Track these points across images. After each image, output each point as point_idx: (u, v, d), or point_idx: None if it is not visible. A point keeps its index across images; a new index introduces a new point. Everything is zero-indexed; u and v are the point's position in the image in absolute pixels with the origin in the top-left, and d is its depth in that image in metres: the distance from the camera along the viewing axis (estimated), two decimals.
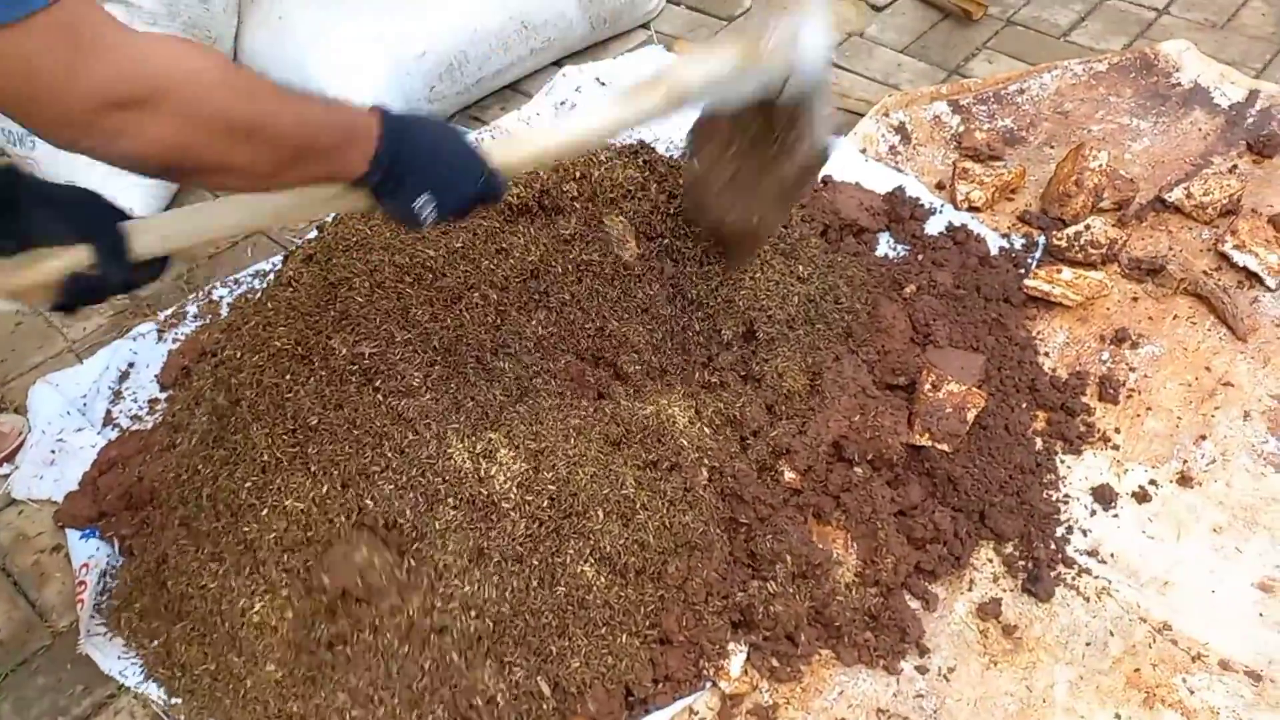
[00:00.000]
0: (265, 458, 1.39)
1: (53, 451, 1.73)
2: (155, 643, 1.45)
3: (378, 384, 1.41)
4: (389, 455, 1.37)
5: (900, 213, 2.02)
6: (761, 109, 1.33)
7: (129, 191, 2.02)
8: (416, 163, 1.13)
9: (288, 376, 1.44)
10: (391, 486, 1.35)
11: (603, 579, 1.40)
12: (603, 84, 2.37)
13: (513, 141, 1.27)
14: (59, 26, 0.81)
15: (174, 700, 1.40)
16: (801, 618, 1.43)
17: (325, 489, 1.35)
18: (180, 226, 1.20)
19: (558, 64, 2.58)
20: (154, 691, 1.41)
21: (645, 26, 2.79)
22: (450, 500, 1.37)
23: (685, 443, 1.51)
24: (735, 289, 1.66)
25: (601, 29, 2.66)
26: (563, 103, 2.33)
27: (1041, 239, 2.03)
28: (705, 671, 1.40)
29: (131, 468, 1.64)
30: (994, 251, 1.99)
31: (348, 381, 1.42)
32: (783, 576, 1.45)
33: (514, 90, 2.55)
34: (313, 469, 1.37)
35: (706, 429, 1.56)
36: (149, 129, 0.88)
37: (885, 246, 1.99)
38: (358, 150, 1.09)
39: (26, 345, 1.96)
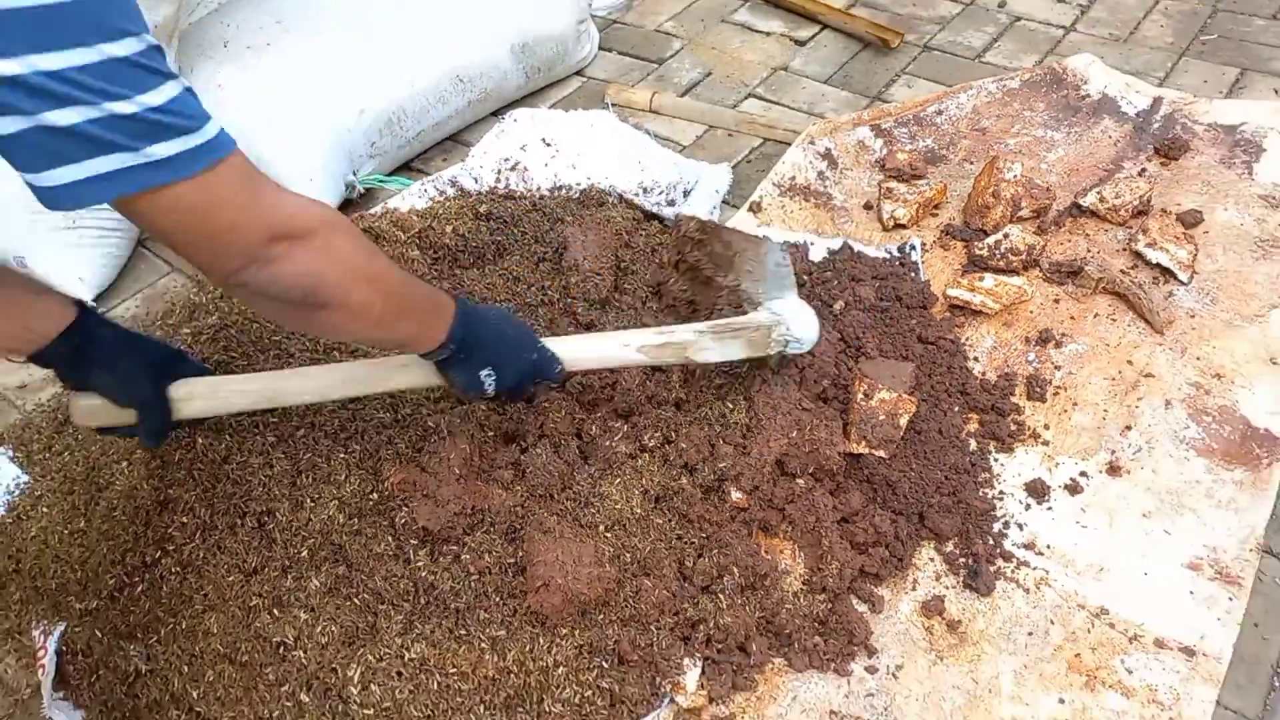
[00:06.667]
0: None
1: None
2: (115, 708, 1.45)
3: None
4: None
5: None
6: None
7: (81, 255, 2.07)
8: (484, 338, 1.32)
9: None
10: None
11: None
12: (548, 144, 2.30)
13: (568, 343, 1.49)
14: (236, 173, 0.98)
15: None
16: (751, 628, 1.46)
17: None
18: (229, 396, 1.35)
19: (496, 114, 2.65)
20: None
21: (580, 74, 2.87)
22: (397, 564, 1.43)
23: (629, 473, 1.56)
24: None
25: (536, 78, 2.74)
26: (506, 158, 2.29)
27: (916, 240, 2.13)
28: (662, 689, 1.43)
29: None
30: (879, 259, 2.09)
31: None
32: (730, 589, 1.49)
33: (455, 141, 2.62)
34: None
35: (652, 462, 1.60)
36: (300, 259, 1.04)
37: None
38: (441, 321, 1.27)
39: None
